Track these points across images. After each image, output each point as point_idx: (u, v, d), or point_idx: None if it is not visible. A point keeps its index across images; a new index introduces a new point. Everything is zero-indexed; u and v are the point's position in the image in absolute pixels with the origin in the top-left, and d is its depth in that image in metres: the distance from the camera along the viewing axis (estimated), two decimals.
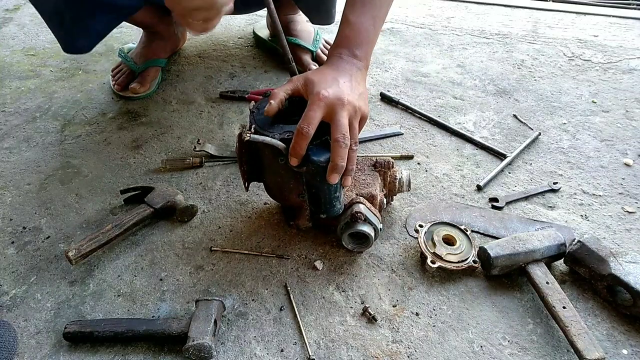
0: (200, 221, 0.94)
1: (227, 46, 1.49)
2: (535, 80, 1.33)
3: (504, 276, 0.82)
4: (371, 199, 0.83)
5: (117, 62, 1.33)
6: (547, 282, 0.76)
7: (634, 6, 1.81)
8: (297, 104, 0.77)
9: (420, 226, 0.86)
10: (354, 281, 0.83)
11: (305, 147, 0.69)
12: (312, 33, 1.36)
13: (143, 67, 1.27)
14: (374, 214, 0.81)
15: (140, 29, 1.34)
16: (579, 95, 1.27)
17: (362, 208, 0.80)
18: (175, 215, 0.92)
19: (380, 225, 0.81)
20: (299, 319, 0.76)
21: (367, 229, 0.80)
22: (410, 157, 1.07)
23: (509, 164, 1.05)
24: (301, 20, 1.36)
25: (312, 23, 1.29)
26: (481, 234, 0.90)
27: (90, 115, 1.22)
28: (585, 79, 1.33)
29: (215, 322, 0.72)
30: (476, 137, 1.12)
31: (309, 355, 0.72)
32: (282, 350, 0.73)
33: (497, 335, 0.75)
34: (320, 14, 1.23)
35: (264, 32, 1.46)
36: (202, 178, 1.03)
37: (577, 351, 0.68)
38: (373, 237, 0.81)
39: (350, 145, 0.70)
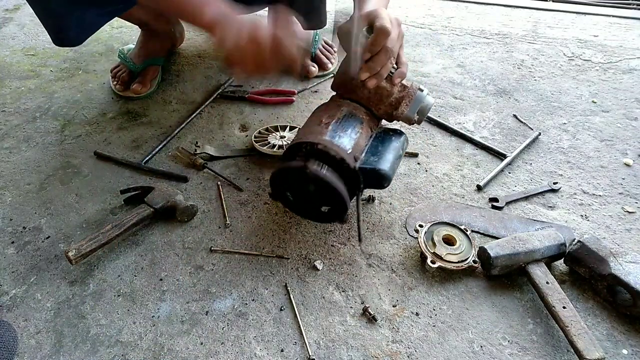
0: (200, 221, 0.94)
1: None
2: (535, 80, 1.33)
3: (504, 276, 0.82)
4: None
5: (117, 62, 1.33)
6: (547, 282, 0.76)
7: (634, 6, 1.81)
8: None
9: (420, 226, 0.86)
10: (354, 281, 0.83)
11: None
12: (310, 34, 1.37)
13: (142, 66, 1.27)
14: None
15: (139, 28, 1.34)
16: (579, 95, 1.27)
17: None
18: (176, 215, 0.92)
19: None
20: (299, 319, 0.76)
21: None
22: (415, 155, 1.07)
23: (509, 164, 1.05)
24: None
25: (304, 28, 1.30)
26: (481, 234, 0.90)
27: (90, 115, 1.22)
28: (585, 79, 1.33)
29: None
30: (476, 137, 1.12)
31: (309, 356, 0.72)
32: (282, 350, 0.73)
33: (497, 335, 0.75)
34: (312, 19, 1.24)
35: None
36: (202, 178, 1.03)
37: (577, 351, 0.68)
38: None
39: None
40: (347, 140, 0.80)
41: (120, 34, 1.56)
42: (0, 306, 0.80)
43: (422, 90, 0.86)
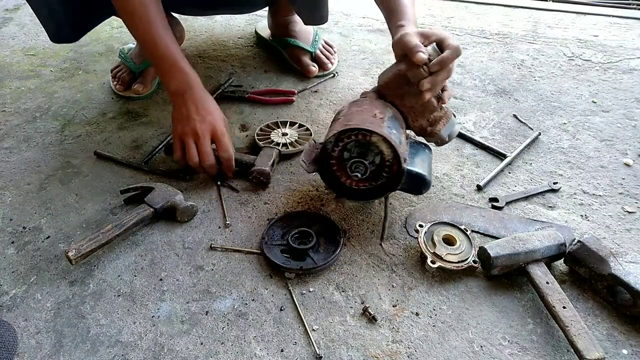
0: (200, 221, 0.94)
1: (227, 46, 1.49)
2: (535, 80, 1.33)
3: (504, 276, 0.82)
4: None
5: (117, 62, 1.33)
6: (547, 282, 0.76)
7: (634, 6, 1.81)
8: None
9: (420, 226, 0.86)
10: (354, 281, 0.83)
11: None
12: (311, 34, 1.37)
13: (142, 66, 1.27)
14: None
15: None
16: (579, 95, 1.27)
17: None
18: (176, 215, 0.92)
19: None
20: (302, 316, 0.76)
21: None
22: None
23: (509, 164, 1.05)
24: (300, 21, 1.36)
25: (306, 24, 1.29)
26: (481, 234, 0.90)
27: (90, 115, 1.22)
28: (585, 79, 1.33)
29: (273, 162, 1.00)
30: (476, 137, 1.12)
31: (317, 354, 0.72)
32: (282, 350, 0.73)
33: (497, 335, 0.75)
34: (313, 15, 1.24)
35: (266, 32, 1.46)
36: (202, 178, 1.03)
37: (577, 351, 0.68)
38: None
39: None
40: (398, 140, 0.81)
41: (120, 34, 1.56)
42: (0, 306, 0.80)
43: (455, 116, 0.91)
